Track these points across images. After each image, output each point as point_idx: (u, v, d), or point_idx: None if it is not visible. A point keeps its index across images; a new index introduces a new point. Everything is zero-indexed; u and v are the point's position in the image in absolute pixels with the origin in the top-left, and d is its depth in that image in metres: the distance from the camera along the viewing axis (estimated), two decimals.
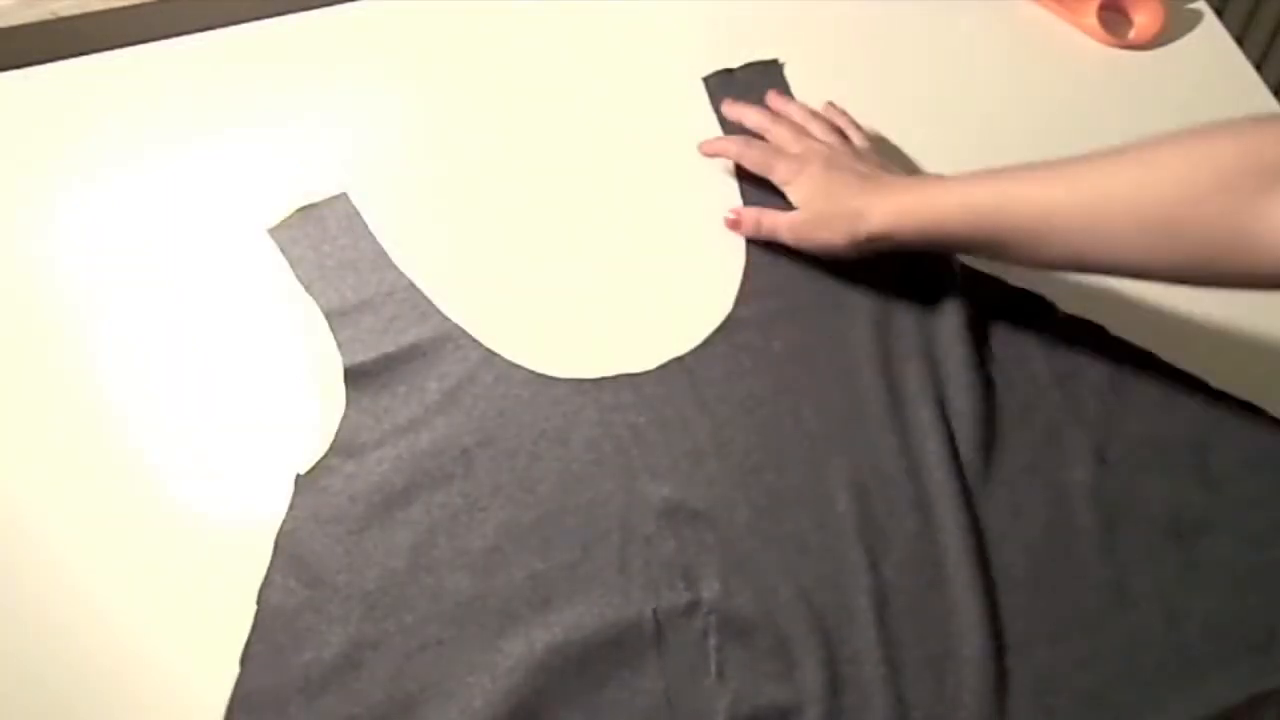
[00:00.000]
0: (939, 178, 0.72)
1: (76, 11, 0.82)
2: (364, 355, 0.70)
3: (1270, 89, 0.82)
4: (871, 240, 0.68)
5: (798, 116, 0.78)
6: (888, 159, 0.76)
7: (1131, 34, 0.85)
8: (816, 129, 0.77)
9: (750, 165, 0.76)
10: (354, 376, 0.69)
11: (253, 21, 0.84)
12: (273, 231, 0.75)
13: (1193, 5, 0.87)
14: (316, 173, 0.78)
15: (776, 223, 0.73)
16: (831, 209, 0.70)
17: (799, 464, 0.67)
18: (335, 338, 0.71)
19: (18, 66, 0.80)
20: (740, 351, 0.71)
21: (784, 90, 0.82)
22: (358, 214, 0.76)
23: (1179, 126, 0.78)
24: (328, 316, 0.72)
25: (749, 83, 0.82)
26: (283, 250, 0.74)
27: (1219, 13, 0.87)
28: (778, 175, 0.74)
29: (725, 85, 0.82)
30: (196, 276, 0.74)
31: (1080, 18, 0.85)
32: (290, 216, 0.75)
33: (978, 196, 0.65)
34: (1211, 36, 0.86)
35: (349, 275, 0.73)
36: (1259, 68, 0.84)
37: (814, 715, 0.60)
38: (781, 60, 0.84)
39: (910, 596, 0.63)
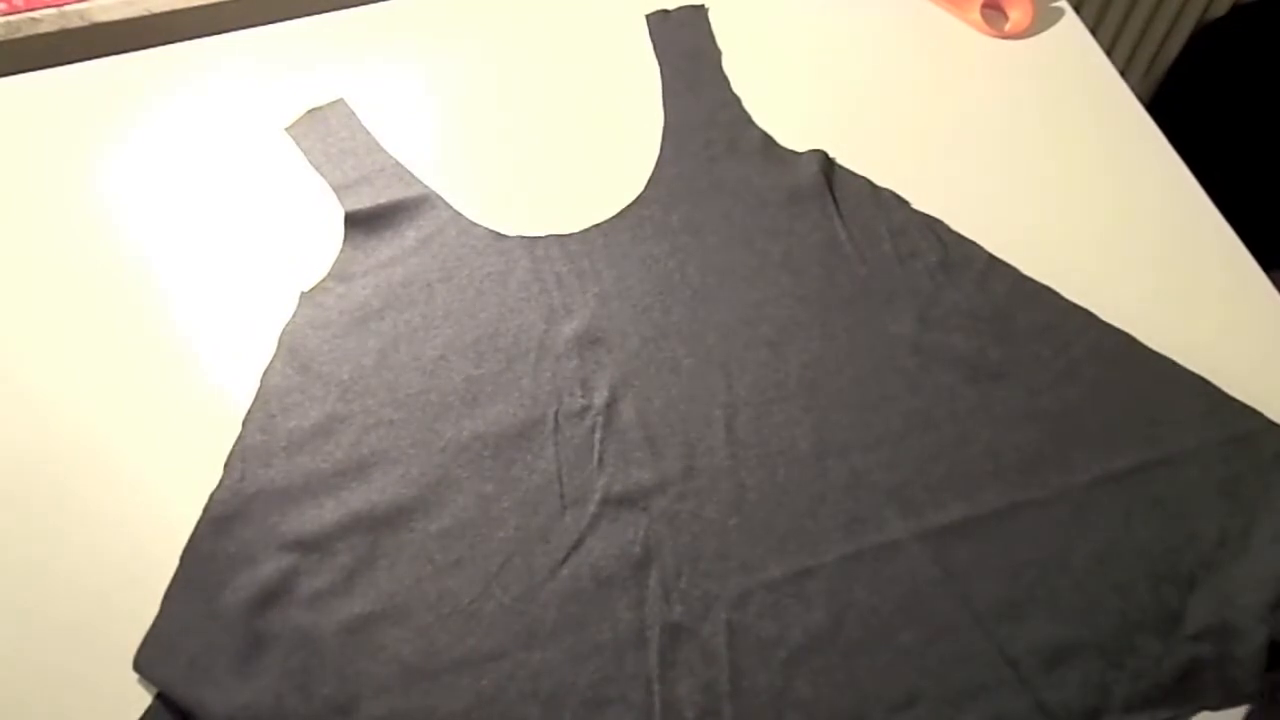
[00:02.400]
0: None
1: (166, 9, 0.81)
2: (360, 206, 0.70)
3: (1118, 70, 0.80)
4: None
5: None
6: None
7: (1007, 27, 0.82)
8: None
9: None
10: (351, 221, 0.69)
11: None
12: (289, 129, 0.75)
13: (1056, 3, 0.83)
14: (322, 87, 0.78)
15: None
16: None
17: (680, 307, 0.65)
18: (340, 202, 0.71)
19: (112, 54, 0.79)
20: (645, 222, 0.69)
21: (708, 31, 0.80)
22: (353, 113, 0.75)
23: (1043, 101, 0.77)
24: (334, 189, 0.71)
25: (682, 21, 0.80)
26: (297, 143, 0.74)
27: (1077, 9, 0.83)
28: None
29: (662, 22, 0.80)
30: (239, 164, 0.74)
31: (966, 13, 0.82)
32: (301, 117, 0.75)
33: None
34: (1071, 28, 0.82)
35: (349, 159, 0.73)
36: (1109, 53, 0.81)
37: (671, 493, 0.59)
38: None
39: (755, 409, 0.62)
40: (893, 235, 0.68)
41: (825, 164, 0.71)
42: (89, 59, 0.78)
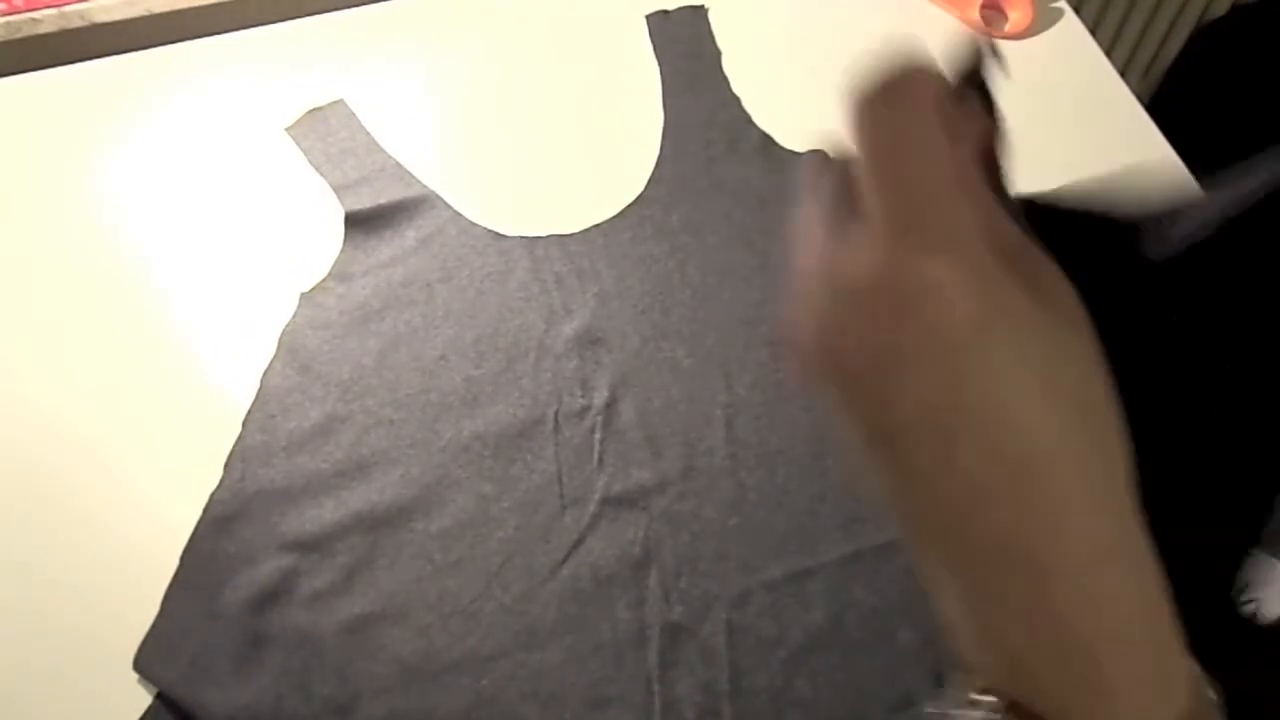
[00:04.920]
0: None
1: (166, 9, 0.80)
2: (360, 206, 0.70)
3: (1117, 70, 0.80)
4: None
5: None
6: None
7: (1007, 27, 0.81)
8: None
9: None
10: (351, 221, 0.69)
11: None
12: (289, 129, 0.75)
13: (1056, 4, 0.83)
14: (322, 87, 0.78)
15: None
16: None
17: (680, 307, 0.65)
18: (340, 202, 0.70)
19: (112, 54, 0.79)
20: (645, 222, 0.69)
21: (708, 32, 0.79)
22: (353, 113, 0.75)
23: (1043, 101, 0.76)
24: (334, 189, 0.71)
25: (682, 21, 0.80)
26: (297, 143, 0.74)
27: (1076, 10, 0.83)
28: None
29: (662, 22, 0.80)
30: (238, 164, 0.74)
31: (966, 13, 0.82)
32: (301, 117, 0.75)
33: None
34: (1070, 29, 0.82)
35: (349, 159, 0.73)
36: (1108, 54, 0.81)
37: (671, 493, 0.59)
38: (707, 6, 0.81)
39: (755, 410, 0.62)
40: None
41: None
42: (89, 59, 0.78)
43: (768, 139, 0.73)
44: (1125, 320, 0.26)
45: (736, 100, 0.76)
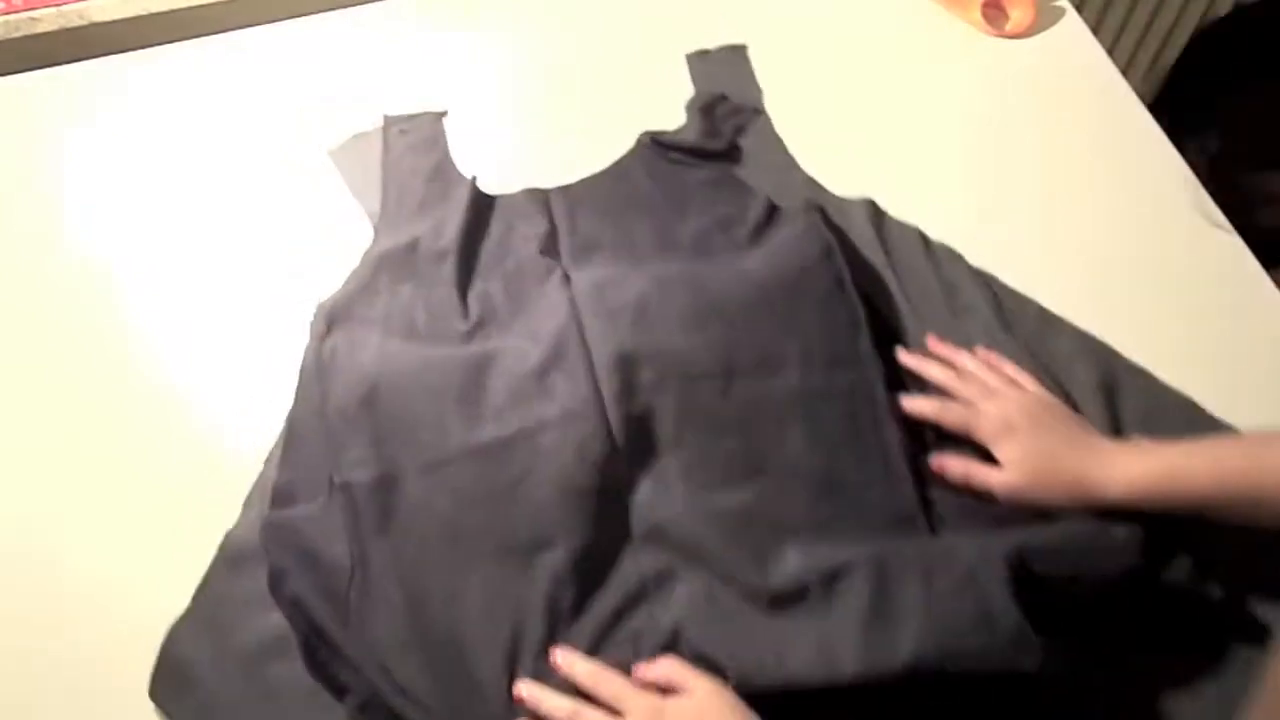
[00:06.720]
0: (1161, 444, 0.55)
1: (166, 8, 0.79)
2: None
3: (1119, 70, 0.79)
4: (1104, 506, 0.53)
5: (972, 366, 0.61)
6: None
7: (1009, 26, 0.81)
8: (994, 380, 0.60)
9: (950, 425, 0.59)
10: None
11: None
12: (332, 153, 0.73)
13: (1058, 3, 0.83)
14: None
15: (988, 479, 0.56)
16: (1051, 474, 0.55)
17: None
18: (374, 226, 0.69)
19: (112, 54, 0.78)
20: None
21: (749, 72, 0.77)
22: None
23: (1045, 100, 0.76)
24: (370, 215, 0.70)
25: (721, 60, 0.78)
26: (338, 167, 0.72)
27: (1078, 9, 0.83)
28: (982, 434, 0.58)
29: (702, 64, 0.78)
30: (239, 163, 0.73)
31: (968, 13, 0.81)
32: (346, 141, 0.73)
33: (1229, 463, 0.53)
34: (1072, 28, 0.82)
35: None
36: (1110, 53, 0.80)
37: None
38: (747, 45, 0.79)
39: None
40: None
41: (875, 214, 0.68)
42: (88, 58, 0.76)
43: (813, 183, 0.71)
44: None
45: (780, 144, 0.73)
